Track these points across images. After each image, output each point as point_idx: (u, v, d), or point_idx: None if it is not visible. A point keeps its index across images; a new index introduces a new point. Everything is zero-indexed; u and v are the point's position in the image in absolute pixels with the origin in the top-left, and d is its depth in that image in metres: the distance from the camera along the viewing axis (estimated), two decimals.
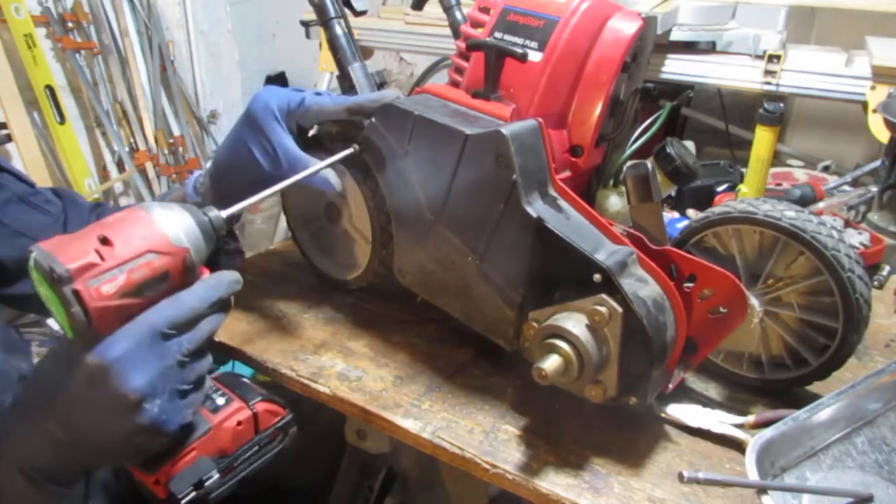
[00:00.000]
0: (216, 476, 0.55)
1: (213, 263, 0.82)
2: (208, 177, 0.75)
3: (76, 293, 0.45)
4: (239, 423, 0.57)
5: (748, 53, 1.37)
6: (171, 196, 0.81)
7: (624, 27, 0.70)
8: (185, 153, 2.83)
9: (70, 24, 2.52)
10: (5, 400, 0.61)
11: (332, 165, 0.70)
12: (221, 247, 0.86)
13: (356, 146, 0.71)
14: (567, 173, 0.74)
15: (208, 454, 0.55)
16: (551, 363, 0.56)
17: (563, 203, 0.64)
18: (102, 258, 0.46)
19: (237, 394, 0.59)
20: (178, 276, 0.50)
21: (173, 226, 0.50)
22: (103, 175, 2.72)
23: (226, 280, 0.53)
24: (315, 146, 0.74)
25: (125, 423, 0.48)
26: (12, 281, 0.73)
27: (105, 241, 0.47)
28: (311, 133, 0.76)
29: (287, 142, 0.70)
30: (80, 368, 0.48)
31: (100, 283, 0.46)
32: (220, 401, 0.58)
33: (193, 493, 0.53)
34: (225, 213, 0.55)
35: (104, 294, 0.46)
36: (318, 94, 0.72)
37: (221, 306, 0.53)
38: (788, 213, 0.63)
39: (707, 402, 0.68)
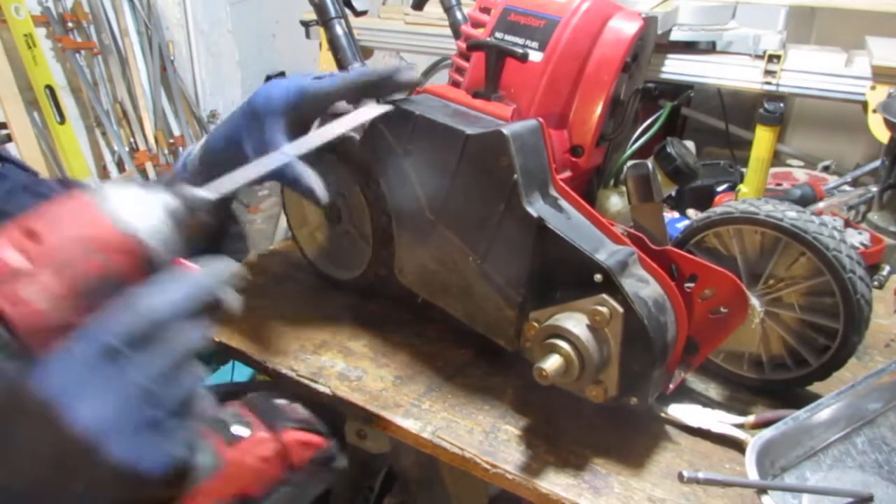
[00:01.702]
0: None
1: (215, 249, 0.81)
2: (198, 158, 0.70)
3: None
4: (264, 460, 0.48)
5: (748, 53, 1.38)
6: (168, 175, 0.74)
7: (625, 27, 0.70)
8: None
9: (70, 24, 2.52)
10: None
11: (325, 170, 0.64)
12: (226, 228, 0.78)
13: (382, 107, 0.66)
14: (568, 173, 0.74)
15: (222, 498, 0.46)
16: (552, 363, 0.56)
17: (563, 203, 0.64)
18: (29, 258, 0.37)
19: (264, 420, 0.50)
20: (135, 275, 0.39)
21: (126, 212, 0.39)
22: (103, 175, 2.72)
23: (208, 276, 0.41)
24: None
25: (82, 471, 0.37)
26: None
27: (32, 234, 0.38)
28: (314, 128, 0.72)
29: (281, 142, 0.64)
30: (18, 400, 0.37)
31: (22, 289, 0.37)
32: (240, 430, 0.48)
33: None
34: (211, 194, 0.43)
35: (31, 305, 0.36)
36: (320, 77, 0.66)
37: (206, 309, 0.41)
38: (790, 214, 0.63)
39: (707, 402, 0.68)
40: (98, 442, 0.36)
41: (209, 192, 0.44)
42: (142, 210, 0.39)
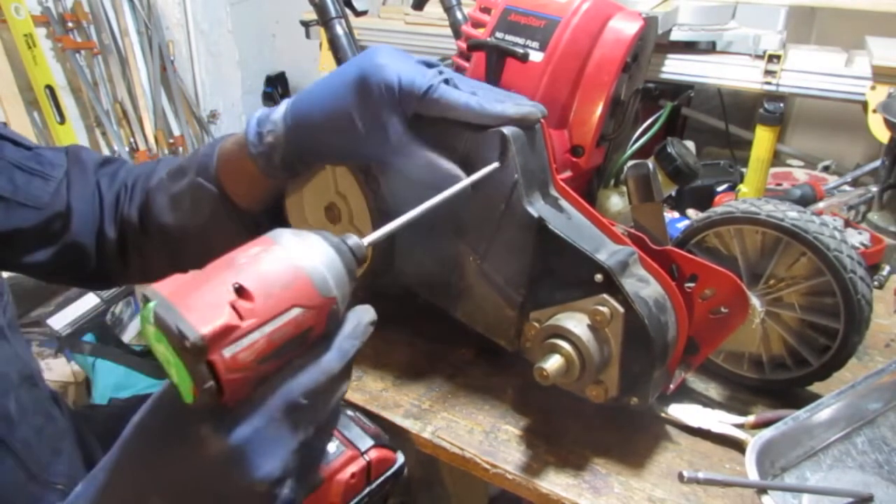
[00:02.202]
0: None
1: (257, 231, 0.77)
2: (283, 126, 0.63)
3: (211, 365, 0.36)
4: (352, 476, 0.50)
5: (748, 53, 1.37)
6: (226, 142, 0.68)
7: (625, 27, 0.70)
8: (185, 153, 2.83)
9: (70, 24, 2.52)
10: (8, 404, 0.61)
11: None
12: (267, 215, 0.75)
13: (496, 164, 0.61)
14: (568, 173, 0.74)
15: None
16: (553, 363, 0.56)
17: (564, 203, 0.64)
18: (241, 317, 0.36)
19: (347, 438, 0.52)
20: (320, 330, 0.40)
21: (316, 266, 0.39)
22: None
23: (364, 323, 0.43)
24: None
25: None
26: (21, 253, 0.69)
27: (241, 291, 0.37)
28: None
29: (401, 127, 0.60)
30: (198, 446, 0.39)
31: (237, 351, 0.36)
32: (331, 447, 0.50)
33: None
34: (367, 240, 0.43)
35: (241, 363, 0.36)
36: (448, 80, 0.60)
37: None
38: (791, 214, 0.63)
39: (707, 402, 0.68)
40: (274, 489, 0.40)
41: (367, 239, 0.44)
42: (328, 263, 0.40)
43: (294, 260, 0.39)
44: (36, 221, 0.68)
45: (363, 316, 0.43)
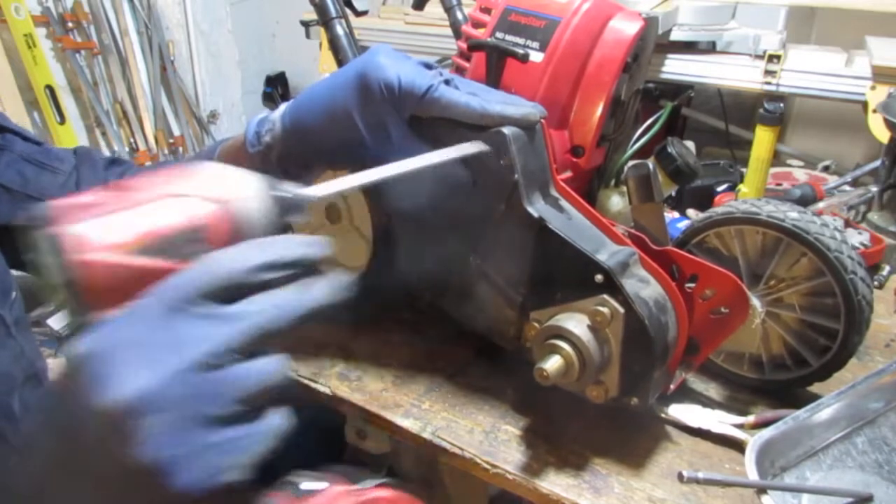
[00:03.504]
0: None
1: None
2: (280, 126, 0.63)
3: (53, 240, 0.30)
4: None
5: (748, 53, 1.38)
6: (227, 143, 0.68)
7: (625, 27, 0.70)
8: (185, 153, 2.83)
9: (70, 24, 2.52)
10: (11, 402, 0.61)
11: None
12: None
13: (484, 145, 0.60)
14: (568, 173, 0.74)
15: None
16: (553, 363, 0.56)
17: (564, 203, 0.64)
18: (118, 199, 0.32)
19: (344, 477, 0.44)
20: (223, 233, 0.34)
21: (220, 177, 0.36)
22: None
23: (292, 240, 0.36)
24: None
25: (101, 452, 0.32)
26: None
27: (123, 186, 0.34)
28: None
29: (403, 126, 0.59)
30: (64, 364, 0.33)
31: (99, 229, 0.31)
32: (312, 486, 0.42)
33: None
34: (317, 193, 0.39)
35: (112, 243, 0.31)
36: (448, 81, 0.59)
37: (296, 282, 0.35)
38: (791, 215, 0.63)
39: (707, 402, 0.68)
40: (131, 417, 0.31)
41: (314, 191, 0.40)
42: (238, 180, 0.36)
43: (191, 169, 0.35)
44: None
45: (298, 236, 0.37)
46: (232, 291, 0.33)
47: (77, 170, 0.72)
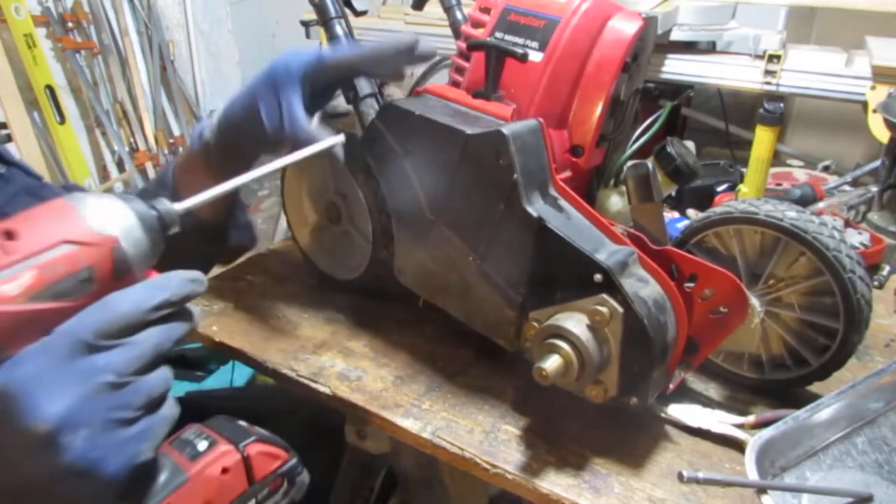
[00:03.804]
0: None
1: (221, 240, 0.81)
2: (216, 122, 0.71)
3: None
4: (224, 470, 0.48)
5: (748, 53, 1.38)
6: (181, 154, 0.75)
7: (625, 27, 0.70)
8: None
9: (70, 24, 2.52)
10: None
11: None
12: (231, 222, 0.82)
13: (343, 136, 0.62)
14: (568, 173, 0.74)
15: None
16: (552, 363, 0.56)
17: (563, 203, 0.64)
18: (5, 252, 0.37)
19: (225, 436, 0.50)
20: (108, 274, 0.40)
21: (100, 214, 0.40)
22: (103, 175, 2.72)
23: (175, 280, 0.42)
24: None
25: (36, 464, 0.37)
26: None
27: (9, 234, 0.38)
28: (332, 102, 0.73)
29: (297, 108, 0.64)
30: None
31: None
32: (202, 445, 0.48)
33: None
34: (180, 206, 0.44)
35: (4, 295, 0.37)
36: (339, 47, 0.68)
37: (176, 314, 0.42)
38: (790, 214, 0.63)
39: (707, 402, 0.68)
40: (57, 434, 0.37)
41: (180, 205, 0.44)
42: (115, 214, 0.40)
43: (72, 206, 0.40)
44: None
45: (175, 274, 0.42)
46: (130, 329, 0.39)
47: None
